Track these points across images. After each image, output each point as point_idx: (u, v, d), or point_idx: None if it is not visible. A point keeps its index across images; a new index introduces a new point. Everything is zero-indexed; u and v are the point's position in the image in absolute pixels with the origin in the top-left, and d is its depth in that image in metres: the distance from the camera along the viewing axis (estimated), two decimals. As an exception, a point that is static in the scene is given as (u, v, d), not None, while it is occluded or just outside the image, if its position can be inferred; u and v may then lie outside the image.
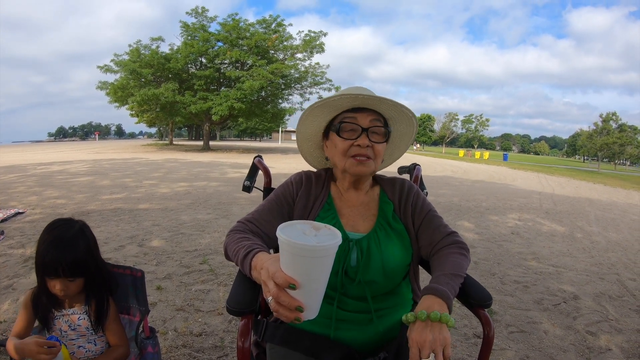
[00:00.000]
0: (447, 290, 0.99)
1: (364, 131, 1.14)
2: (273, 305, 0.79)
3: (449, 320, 0.91)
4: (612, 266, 4.36)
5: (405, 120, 1.22)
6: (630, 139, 47.06)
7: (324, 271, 0.78)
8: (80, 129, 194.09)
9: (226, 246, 1.12)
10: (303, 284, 0.76)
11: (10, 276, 3.11)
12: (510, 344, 2.48)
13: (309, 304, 0.79)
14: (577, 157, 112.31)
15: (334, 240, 0.76)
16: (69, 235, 1.27)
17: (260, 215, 1.20)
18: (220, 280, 3.24)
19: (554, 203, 9.38)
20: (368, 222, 1.22)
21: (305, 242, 0.74)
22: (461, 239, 1.20)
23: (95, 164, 14.33)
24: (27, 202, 6.13)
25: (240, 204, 6.69)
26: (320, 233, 0.82)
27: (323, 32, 28.12)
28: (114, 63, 27.12)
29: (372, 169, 1.18)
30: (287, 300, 0.77)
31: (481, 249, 4.69)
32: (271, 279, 0.79)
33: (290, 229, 0.81)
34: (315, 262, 0.75)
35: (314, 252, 0.74)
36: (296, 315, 0.77)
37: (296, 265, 0.76)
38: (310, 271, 0.76)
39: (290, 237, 0.74)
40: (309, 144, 1.36)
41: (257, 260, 0.94)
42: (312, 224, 0.84)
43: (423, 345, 0.89)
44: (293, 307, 0.77)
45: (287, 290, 0.77)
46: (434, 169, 19.09)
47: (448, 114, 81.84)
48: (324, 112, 1.22)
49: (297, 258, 0.75)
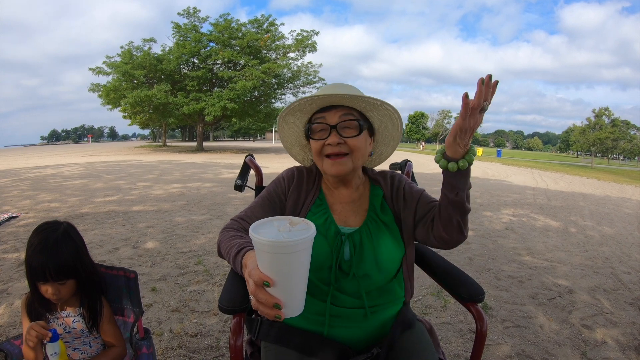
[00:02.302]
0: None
1: (333, 128, 1.14)
2: (253, 303, 0.80)
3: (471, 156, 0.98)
4: (606, 260, 4.38)
5: (378, 108, 1.18)
6: (623, 133, 47.41)
7: (300, 267, 0.77)
8: (73, 131, 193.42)
9: (219, 244, 1.13)
10: (278, 281, 0.76)
11: (5, 280, 3.08)
12: (506, 338, 2.49)
13: (287, 300, 0.78)
14: (570, 152, 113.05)
15: (306, 234, 0.76)
16: (53, 238, 1.26)
17: (252, 213, 1.20)
18: (215, 281, 3.23)
19: (548, 198, 9.43)
20: (359, 217, 1.21)
21: (273, 239, 0.73)
22: None
23: (88, 166, 14.23)
24: (21, 206, 6.08)
25: (234, 205, 6.67)
26: (297, 227, 0.81)
27: (315, 31, 28.13)
28: (106, 65, 27.01)
29: (351, 166, 1.16)
30: (264, 297, 0.77)
31: (476, 244, 4.71)
32: (247, 278, 0.81)
33: (266, 226, 0.81)
34: (288, 258, 0.74)
35: (282, 247, 0.73)
36: (275, 312, 0.78)
37: (269, 263, 0.76)
38: (283, 267, 0.75)
39: (261, 235, 0.74)
40: (298, 149, 1.38)
41: (246, 259, 0.93)
42: (290, 219, 0.83)
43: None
44: (271, 305, 0.77)
45: (264, 288, 0.77)
46: (427, 167, 19.13)
47: (441, 112, 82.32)
48: (295, 118, 1.24)
49: (268, 255, 0.74)
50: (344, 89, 1.16)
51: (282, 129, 1.28)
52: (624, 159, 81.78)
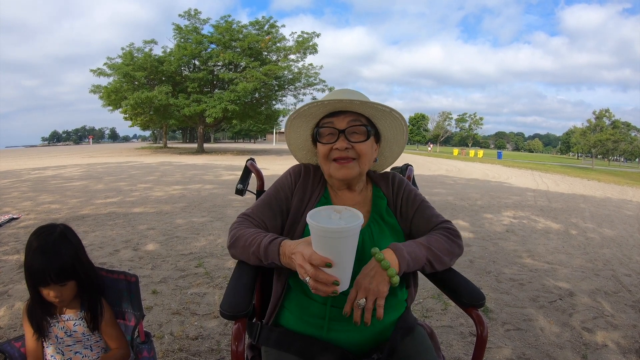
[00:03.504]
0: (405, 251, 1.05)
1: (341, 133, 1.15)
2: (312, 284, 0.90)
3: (393, 275, 1.00)
4: (607, 262, 4.38)
5: (386, 115, 1.21)
6: (623, 135, 47.42)
7: (352, 248, 0.90)
8: (74, 133, 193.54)
9: (236, 238, 1.14)
10: (336, 261, 0.88)
11: (6, 282, 3.08)
12: (506, 341, 2.49)
13: (342, 277, 0.91)
14: (571, 154, 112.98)
15: (357, 220, 0.89)
16: (51, 241, 1.27)
17: (260, 212, 1.22)
18: (215, 284, 3.23)
19: (549, 200, 9.42)
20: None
21: (334, 226, 0.86)
22: (452, 226, 1.22)
23: (89, 168, 14.24)
24: (21, 208, 6.09)
25: (234, 207, 6.67)
26: (343, 215, 0.94)
27: (316, 33, 28.17)
28: (107, 66, 27.02)
29: (358, 171, 1.18)
30: (324, 277, 0.89)
31: (476, 247, 4.70)
32: (307, 262, 0.90)
33: (317, 215, 0.93)
34: (344, 241, 0.88)
35: (341, 233, 0.86)
36: (334, 289, 0.89)
37: (328, 246, 0.88)
38: (340, 250, 0.88)
39: (319, 222, 0.87)
40: (303, 152, 1.39)
41: (285, 247, 1.02)
42: (334, 208, 0.97)
43: (359, 289, 1.00)
44: (330, 283, 0.89)
45: (323, 269, 0.89)
46: (427, 168, 19.13)
47: (442, 113, 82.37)
48: (303, 121, 1.25)
49: (328, 240, 0.87)
50: (353, 95, 1.18)
51: (289, 132, 1.30)
52: (625, 160, 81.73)
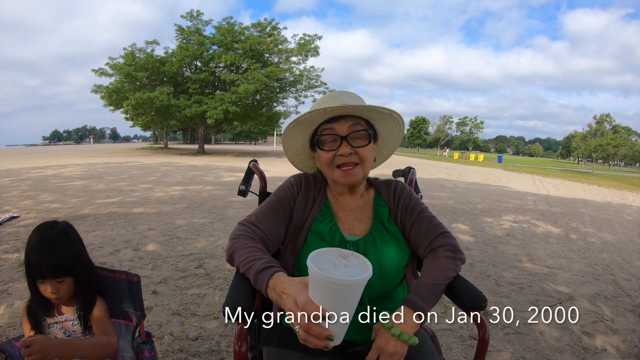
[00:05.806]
0: (424, 306, 1.01)
1: (344, 139, 1.14)
2: (302, 335, 0.80)
3: (414, 343, 0.96)
4: (607, 267, 4.38)
5: (386, 117, 1.20)
6: (624, 140, 47.35)
7: (355, 302, 0.80)
8: (74, 132, 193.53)
9: (233, 251, 1.10)
10: (334, 314, 0.78)
11: (5, 281, 3.09)
12: (506, 345, 2.49)
13: (338, 331, 0.81)
14: (571, 158, 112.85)
15: (366, 273, 0.78)
16: (50, 236, 1.28)
17: (264, 219, 1.19)
18: (216, 284, 3.23)
19: (549, 204, 9.42)
20: (364, 225, 1.23)
21: (340, 277, 0.75)
22: (451, 240, 1.20)
23: (89, 167, 14.25)
24: (22, 206, 6.09)
25: (235, 208, 6.67)
26: (349, 262, 0.83)
27: (318, 36, 28.27)
28: (108, 66, 27.08)
29: (362, 175, 1.19)
30: (318, 331, 0.78)
31: (476, 251, 4.71)
32: (301, 311, 0.80)
33: (320, 258, 0.82)
34: (349, 294, 0.77)
35: (349, 286, 0.76)
36: (327, 344, 0.79)
37: (329, 297, 0.77)
38: (342, 302, 0.78)
39: (322, 269, 0.76)
40: (301, 157, 1.37)
41: (276, 282, 0.93)
42: (340, 252, 0.86)
43: (383, 352, 0.95)
44: (324, 337, 0.79)
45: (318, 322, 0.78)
46: (428, 172, 19.13)
47: (443, 117, 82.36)
48: (302, 128, 1.23)
49: (331, 291, 0.76)
50: (349, 98, 1.17)
51: (288, 139, 1.28)
52: (625, 165, 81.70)
